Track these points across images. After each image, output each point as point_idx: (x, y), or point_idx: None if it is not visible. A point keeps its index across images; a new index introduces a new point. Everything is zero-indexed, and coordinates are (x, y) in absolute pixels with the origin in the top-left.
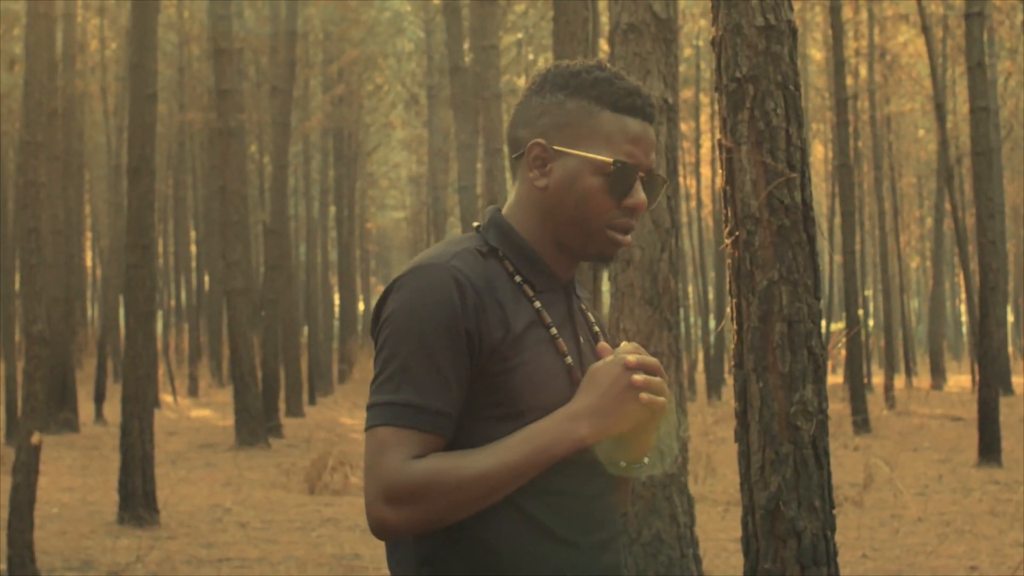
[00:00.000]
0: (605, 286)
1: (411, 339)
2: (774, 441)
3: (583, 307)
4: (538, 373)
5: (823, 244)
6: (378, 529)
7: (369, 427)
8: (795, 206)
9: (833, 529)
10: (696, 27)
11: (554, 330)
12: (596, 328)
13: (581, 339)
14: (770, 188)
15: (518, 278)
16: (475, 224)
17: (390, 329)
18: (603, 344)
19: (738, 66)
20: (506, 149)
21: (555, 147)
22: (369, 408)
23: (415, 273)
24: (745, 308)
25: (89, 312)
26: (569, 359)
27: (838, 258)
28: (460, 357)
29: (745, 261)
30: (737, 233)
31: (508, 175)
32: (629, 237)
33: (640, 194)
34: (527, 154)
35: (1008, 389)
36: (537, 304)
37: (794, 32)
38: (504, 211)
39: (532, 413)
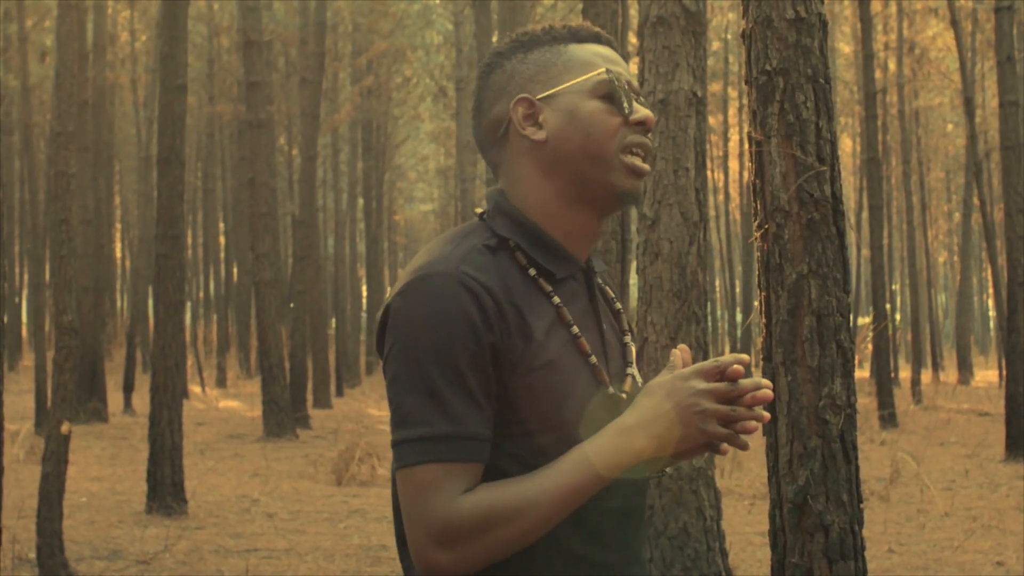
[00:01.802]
0: (633, 279)
1: (433, 360)
2: (802, 435)
3: (600, 283)
4: (563, 381)
5: (849, 238)
6: (429, 574)
7: (404, 465)
8: (825, 199)
9: (861, 523)
10: (724, 20)
11: (575, 328)
12: (618, 305)
13: (604, 326)
14: (800, 181)
15: (532, 271)
16: (478, 211)
17: (405, 350)
18: (682, 347)
19: (768, 59)
20: (479, 148)
21: (539, 96)
22: (399, 444)
23: (423, 283)
24: (774, 301)
25: (118, 303)
26: (594, 358)
27: (866, 252)
28: (487, 374)
29: (774, 254)
30: (766, 226)
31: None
32: (648, 165)
33: (644, 109)
34: (514, 114)
35: None
36: (556, 300)
37: (824, 25)
38: (510, 192)
39: (559, 428)
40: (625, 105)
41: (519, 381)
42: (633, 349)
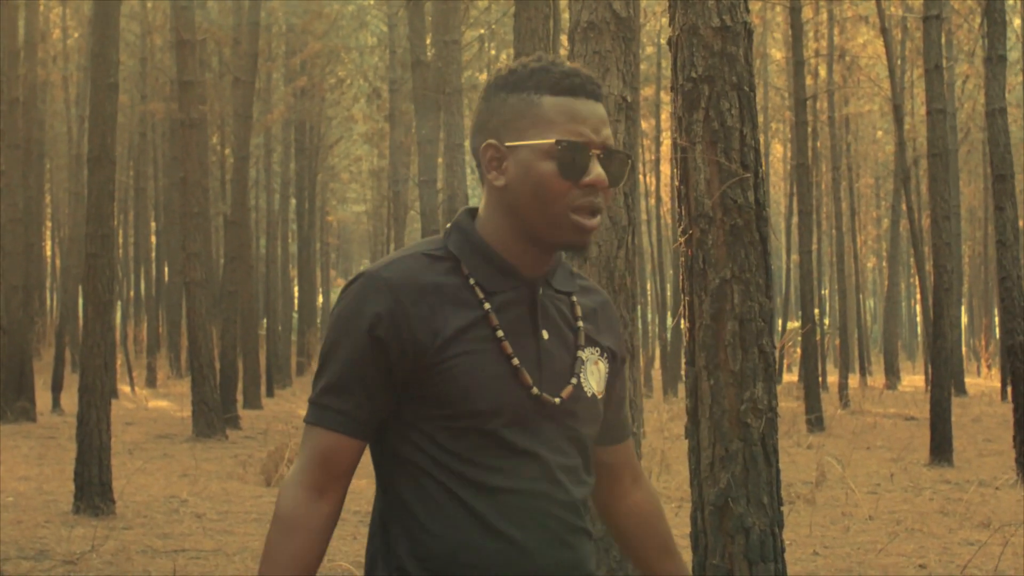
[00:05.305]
0: None
1: (331, 346)
2: (724, 438)
3: (573, 300)
4: (473, 376)
5: (779, 243)
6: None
7: (305, 422)
8: (748, 206)
9: (781, 526)
10: (658, 25)
11: (500, 332)
12: (579, 324)
13: (546, 334)
14: (724, 188)
15: (472, 280)
16: (448, 226)
17: (326, 337)
18: None
19: (694, 66)
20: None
21: (506, 144)
22: (310, 403)
23: (352, 282)
24: (697, 306)
25: (48, 301)
26: (516, 360)
27: (795, 257)
28: (373, 363)
29: (698, 259)
30: (691, 232)
31: (468, 170)
32: (597, 220)
33: (597, 170)
34: (482, 157)
35: (961, 389)
36: (487, 305)
37: (750, 33)
38: (479, 215)
39: (471, 417)
40: (573, 173)
41: (430, 370)
42: (595, 362)
